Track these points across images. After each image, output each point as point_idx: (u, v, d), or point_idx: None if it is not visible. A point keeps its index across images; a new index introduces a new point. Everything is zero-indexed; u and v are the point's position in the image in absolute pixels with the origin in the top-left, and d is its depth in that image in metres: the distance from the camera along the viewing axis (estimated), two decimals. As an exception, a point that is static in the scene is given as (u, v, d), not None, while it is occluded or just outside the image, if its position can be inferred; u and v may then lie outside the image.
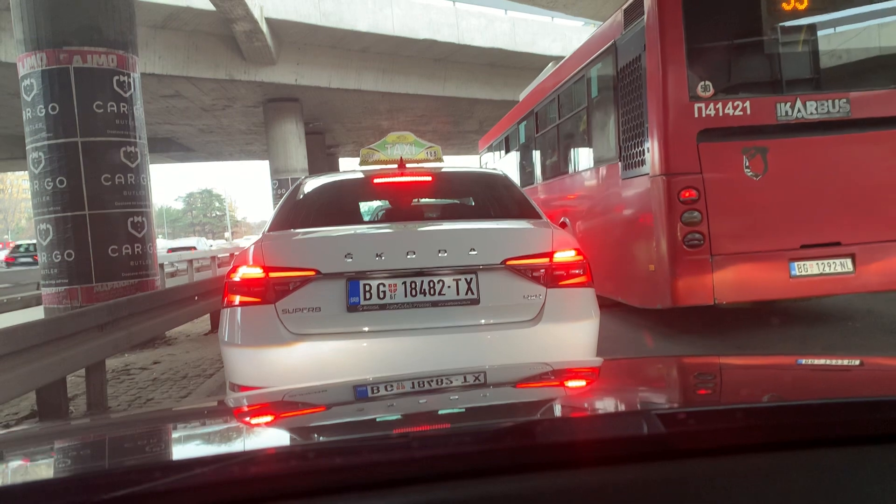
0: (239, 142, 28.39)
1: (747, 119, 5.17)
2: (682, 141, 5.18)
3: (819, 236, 5.20)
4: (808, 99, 5.21)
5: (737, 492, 0.72)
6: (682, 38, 5.19)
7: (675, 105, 5.19)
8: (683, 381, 1.30)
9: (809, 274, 5.18)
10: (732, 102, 5.17)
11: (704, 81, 5.18)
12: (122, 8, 6.84)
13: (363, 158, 4.24)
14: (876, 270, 5.24)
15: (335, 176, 4.23)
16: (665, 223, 5.19)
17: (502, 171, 4.19)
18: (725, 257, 5.14)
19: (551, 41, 20.31)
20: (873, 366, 1.30)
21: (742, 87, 5.35)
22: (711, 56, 5.44)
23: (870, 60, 5.46)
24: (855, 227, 5.22)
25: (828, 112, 5.20)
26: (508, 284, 2.83)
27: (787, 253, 5.17)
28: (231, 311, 2.83)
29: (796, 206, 5.20)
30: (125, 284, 6.65)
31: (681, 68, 5.19)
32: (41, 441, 1.13)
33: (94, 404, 4.46)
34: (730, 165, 5.16)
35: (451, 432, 0.87)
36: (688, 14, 5.18)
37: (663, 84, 5.22)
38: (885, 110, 5.22)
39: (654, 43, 5.32)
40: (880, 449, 0.77)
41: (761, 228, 5.20)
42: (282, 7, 16.40)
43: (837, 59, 5.43)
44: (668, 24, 5.21)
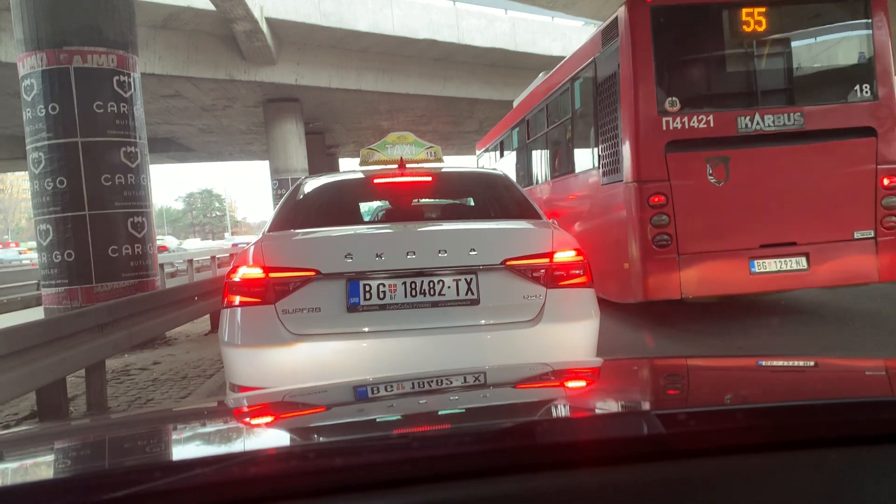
0: (239, 142, 28.39)
1: (710, 131, 5.72)
2: (651, 151, 5.73)
3: (776, 237, 5.72)
4: (765, 113, 5.77)
5: (737, 492, 0.72)
6: (652, 58, 5.77)
7: (645, 119, 5.75)
8: (683, 381, 1.30)
9: (768, 271, 5.72)
10: (697, 116, 5.74)
11: (672, 97, 5.76)
12: (122, 8, 6.84)
13: (363, 159, 4.24)
14: (828, 267, 5.77)
15: (335, 176, 4.23)
16: (637, 225, 5.71)
17: (502, 171, 4.19)
18: (691, 256, 5.67)
19: (552, 41, 20.31)
20: (873, 366, 1.30)
21: (706, 103, 5.91)
22: (678, 74, 5.98)
23: (821, 78, 6.14)
24: (809, 229, 5.75)
25: (784, 125, 5.77)
26: (508, 285, 2.82)
27: (748, 252, 5.69)
28: (231, 311, 2.83)
29: (755, 209, 5.71)
30: (125, 285, 6.65)
31: (650, 85, 5.77)
32: (41, 441, 1.13)
33: (94, 404, 4.46)
34: (695, 173, 5.71)
35: (451, 433, 0.87)
36: (657, 36, 5.77)
37: (634, 99, 5.79)
38: (834, 123, 5.79)
39: (626, 62, 5.89)
40: (880, 449, 0.77)
41: (723, 230, 5.71)
42: (282, 7, 16.40)
43: (792, 77, 6.03)
44: (639, 46, 5.79)
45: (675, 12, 5.90)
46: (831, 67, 6.25)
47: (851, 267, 5.80)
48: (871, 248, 5.78)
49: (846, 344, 5.18)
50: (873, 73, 5.91)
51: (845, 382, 1.18)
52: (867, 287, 6.14)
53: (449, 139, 29.75)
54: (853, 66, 6.09)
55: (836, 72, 6.19)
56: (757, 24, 5.88)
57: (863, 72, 5.97)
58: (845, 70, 6.14)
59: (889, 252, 5.79)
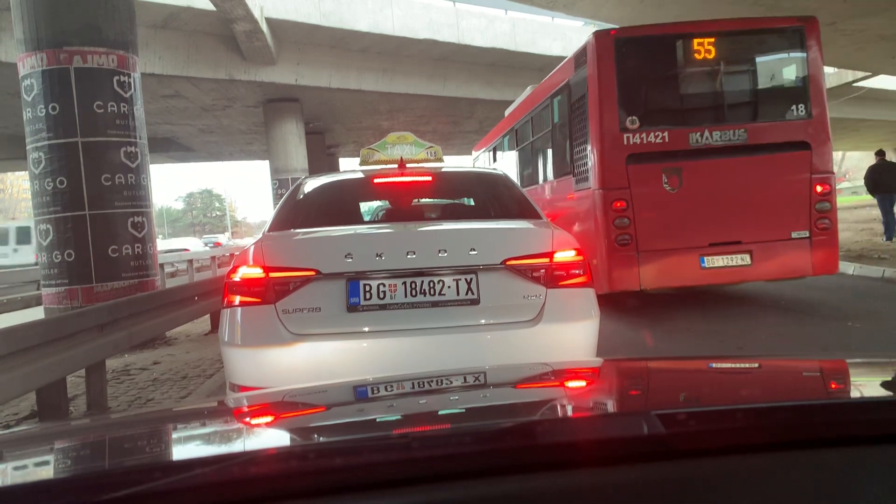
0: (239, 142, 28.37)
1: (665, 146, 6.57)
2: (614, 163, 6.57)
3: (723, 237, 6.54)
4: (714, 129, 6.63)
5: (737, 492, 0.72)
6: (615, 81, 6.62)
7: (609, 135, 6.59)
8: (683, 381, 1.30)
9: (716, 266, 6.53)
10: (654, 132, 6.59)
11: (632, 116, 6.60)
12: (122, 8, 6.83)
13: (363, 158, 4.24)
14: (769, 263, 6.58)
15: (335, 176, 4.22)
16: (602, 226, 6.54)
17: (502, 171, 4.19)
18: (648, 253, 6.49)
19: (552, 41, 20.29)
20: (873, 366, 1.30)
21: (662, 121, 6.71)
22: (638, 96, 6.76)
23: (762, 98, 6.94)
24: (752, 230, 6.55)
25: (729, 139, 6.62)
26: (508, 284, 2.82)
27: (698, 250, 6.51)
28: (231, 311, 2.83)
29: (705, 213, 6.52)
30: (125, 285, 6.64)
31: (613, 106, 6.61)
32: (41, 441, 1.13)
33: (94, 404, 4.46)
34: (652, 182, 6.53)
35: (451, 433, 0.87)
36: (619, 63, 6.62)
37: (600, 118, 6.64)
38: (774, 138, 6.65)
39: (593, 85, 6.74)
40: (880, 449, 0.77)
41: (677, 230, 6.51)
42: (282, 7, 16.39)
43: (736, 98, 6.90)
44: (604, 71, 6.65)
45: (636, 42, 6.80)
46: (771, 89, 7.05)
47: (789, 263, 6.60)
48: (807, 246, 6.61)
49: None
50: (808, 94, 6.78)
51: (845, 382, 1.18)
52: (803, 280, 6.97)
53: (449, 139, 29.73)
54: (790, 88, 6.96)
55: (775, 93, 7.01)
56: (707, 52, 6.74)
57: (798, 93, 6.84)
58: (783, 91, 6.98)
59: (821, 250, 6.62)
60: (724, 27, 6.95)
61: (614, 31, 6.80)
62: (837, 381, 1.19)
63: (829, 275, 6.88)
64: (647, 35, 6.92)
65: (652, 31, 7.03)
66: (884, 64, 18.44)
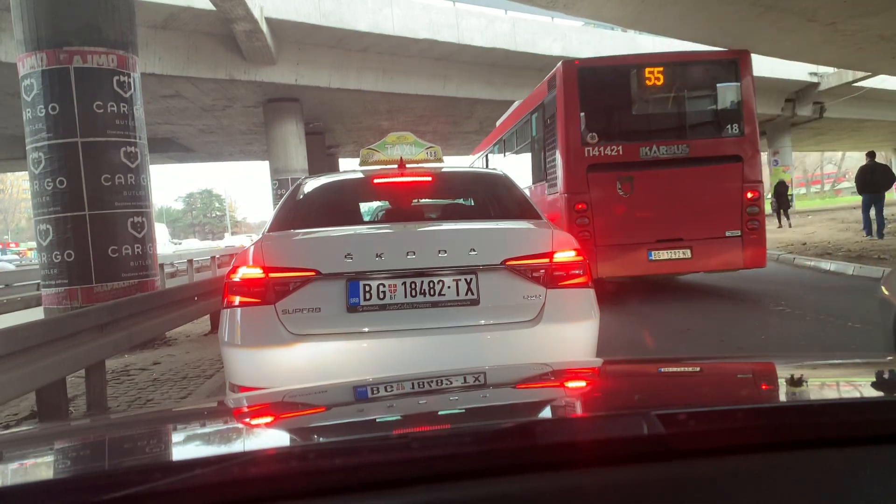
0: (239, 142, 28.37)
1: (620, 157, 7.85)
2: (577, 172, 7.82)
3: (668, 234, 7.75)
4: (660, 144, 7.89)
5: (737, 492, 0.72)
6: (578, 103, 7.91)
7: (573, 148, 7.87)
8: (683, 381, 1.30)
9: (661, 259, 7.76)
10: (610, 146, 7.88)
11: (592, 133, 7.90)
12: (122, 8, 6.83)
13: (363, 159, 4.24)
14: (706, 257, 7.83)
15: (335, 176, 4.22)
16: (566, 225, 7.56)
17: (502, 171, 4.19)
18: (604, 247, 7.66)
19: (552, 41, 20.29)
20: (873, 366, 1.30)
21: (617, 137, 8.05)
22: (597, 116, 8.10)
23: (702, 118, 8.41)
24: (692, 229, 7.75)
25: (674, 153, 7.89)
26: (508, 285, 2.82)
27: (647, 245, 7.72)
28: (231, 311, 2.82)
29: (653, 214, 7.74)
30: (125, 285, 6.64)
31: (576, 124, 7.90)
32: (41, 441, 1.13)
33: (94, 405, 4.45)
34: (608, 188, 7.78)
35: (451, 433, 0.87)
36: (582, 88, 7.94)
37: (565, 134, 7.92)
38: (712, 152, 7.93)
39: (560, 106, 8.03)
40: (880, 449, 0.77)
41: (629, 228, 7.67)
42: (282, 7, 16.38)
43: (680, 118, 8.26)
44: (569, 95, 7.92)
45: (596, 71, 8.22)
46: (710, 111, 8.44)
47: (724, 257, 7.81)
48: (739, 243, 7.79)
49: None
50: (741, 115, 8.04)
51: (845, 382, 1.18)
52: (736, 272, 8.30)
53: (449, 139, 29.73)
54: (726, 110, 8.23)
55: (713, 114, 8.38)
56: (656, 79, 8.04)
57: (733, 115, 8.11)
58: (720, 113, 8.28)
59: (751, 247, 7.81)
60: (670, 59, 8.49)
61: (578, 62, 8.21)
62: (837, 382, 1.19)
63: (758, 268, 8.06)
64: (605, 65, 8.49)
65: (610, 62, 8.65)
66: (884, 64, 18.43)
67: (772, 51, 17.92)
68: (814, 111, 27.40)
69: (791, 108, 27.18)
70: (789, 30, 13.85)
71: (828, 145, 47.03)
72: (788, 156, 31.65)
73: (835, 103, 26.87)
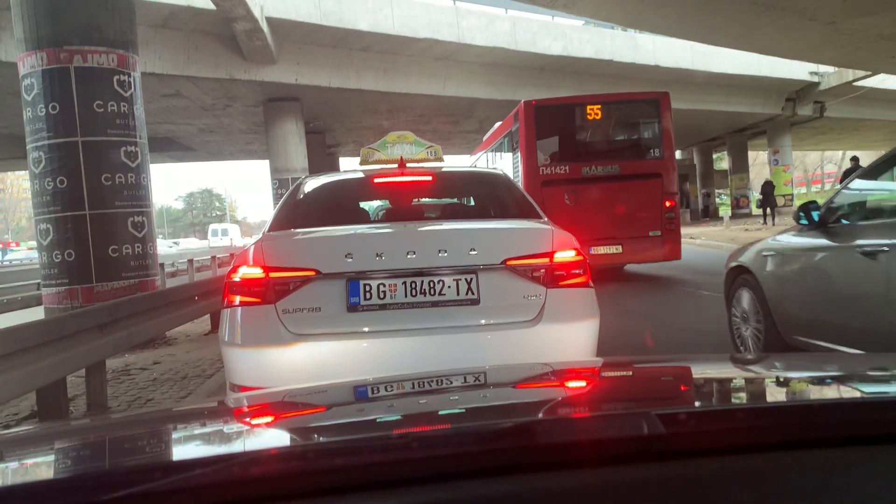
0: (239, 141, 28.35)
1: (567, 175, 10.04)
2: (533, 186, 9.56)
3: (604, 234, 9.73)
4: (598, 164, 10.14)
5: (737, 492, 0.72)
6: (535, 133, 10.26)
7: (530, 168, 10.13)
8: (683, 381, 1.30)
9: (600, 252, 9.60)
10: (559, 167, 10.17)
11: (545, 156, 10.28)
12: (122, 7, 6.83)
13: (363, 158, 4.24)
14: (634, 252, 9.98)
15: (335, 175, 4.22)
16: None
17: (502, 171, 4.19)
18: None
19: (552, 40, 20.27)
20: (873, 366, 1.30)
21: (564, 159, 10.33)
22: (549, 142, 10.45)
23: (631, 144, 10.88)
24: (623, 230, 9.80)
25: (608, 171, 10.09)
26: (509, 284, 2.82)
27: (589, 242, 8.99)
28: (231, 311, 2.82)
29: (593, 218, 9.50)
30: (125, 284, 6.64)
31: (533, 149, 10.21)
32: (41, 441, 1.13)
33: (94, 404, 4.45)
34: (558, 198, 9.59)
35: (451, 433, 0.87)
36: (538, 121, 10.32)
37: (525, 157, 10.22)
38: (638, 171, 10.19)
39: (521, 135, 10.41)
40: (880, 449, 0.77)
41: (574, 230, 10.00)
42: (282, 6, 16.37)
43: (614, 144, 10.78)
44: (528, 126, 10.30)
45: (548, 108, 10.63)
46: (637, 138, 10.94)
47: (647, 252, 10.03)
48: (659, 241, 10.01)
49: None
50: (661, 142, 10.49)
51: (845, 382, 1.18)
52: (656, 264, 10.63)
53: (449, 139, 29.72)
54: (649, 138, 10.73)
55: (639, 141, 10.90)
56: (594, 114, 10.47)
57: (655, 142, 10.61)
58: (644, 140, 10.81)
59: (668, 244, 10.02)
60: (606, 99, 11.01)
61: (535, 102, 10.55)
62: (838, 381, 1.19)
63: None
64: (556, 104, 11.00)
65: (559, 101, 11.20)
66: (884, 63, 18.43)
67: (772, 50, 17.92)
68: (814, 111, 27.39)
69: (791, 108, 27.18)
70: (789, 29, 13.86)
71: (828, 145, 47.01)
72: (788, 155, 31.64)
73: (835, 103, 26.86)
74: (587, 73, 21.63)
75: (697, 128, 30.31)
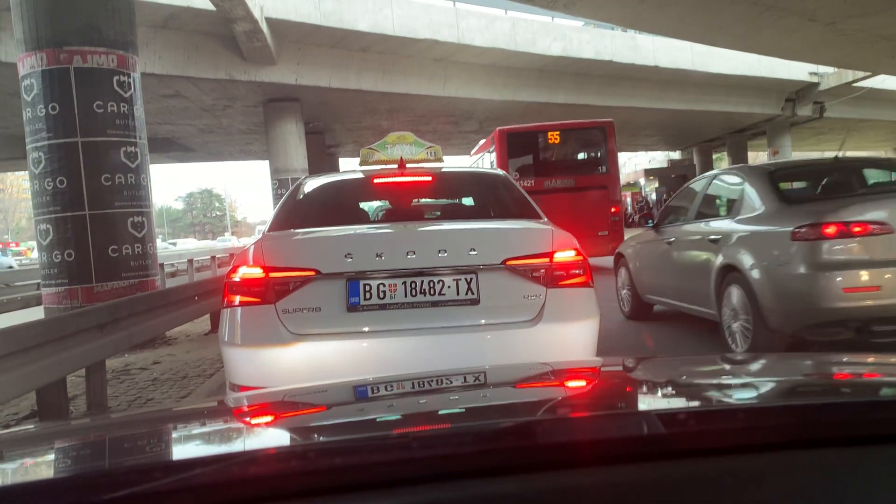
0: (239, 142, 28.33)
1: (532, 188, 10.67)
2: None
3: None
4: (557, 179, 12.38)
5: (737, 492, 0.72)
6: (507, 154, 12.73)
7: None
8: (683, 381, 1.30)
9: None
10: (526, 180, 11.71)
11: (515, 172, 12.07)
12: (122, 8, 6.83)
13: (363, 158, 4.24)
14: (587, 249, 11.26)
15: (335, 176, 4.23)
16: None
17: (502, 171, 4.19)
18: None
19: (552, 41, 20.26)
20: (873, 366, 1.30)
21: (531, 174, 12.52)
22: (518, 162, 12.95)
23: (583, 163, 13.44)
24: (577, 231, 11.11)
25: (565, 184, 12.33)
26: (508, 284, 2.82)
27: None
28: (231, 311, 2.83)
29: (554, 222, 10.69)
30: (125, 284, 6.64)
31: (506, 167, 12.03)
32: (41, 441, 1.13)
33: (94, 404, 4.45)
34: None
35: (451, 432, 0.87)
36: (509, 145, 12.85)
37: None
38: (589, 184, 12.54)
39: (497, 156, 12.89)
40: (880, 449, 0.77)
41: None
42: (282, 7, 16.36)
43: (570, 163, 13.43)
44: (501, 149, 12.83)
45: (517, 134, 13.20)
46: (588, 158, 13.63)
47: (597, 249, 10.91)
48: (606, 239, 11.79)
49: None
50: (607, 161, 13.06)
51: (845, 382, 1.18)
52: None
53: (449, 139, 29.70)
54: (597, 157, 13.31)
55: (589, 160, 13.52)
56: (554, 139, 13.32)
57: (602, 161, 13.15)
58: (594, 159, 13.42)
59: (613, 241, 11.10)
60: (563, 126, 13.47)
61: (507, 129, 13.15)
62: (838, 381, 1.19)
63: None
64: (523, 130, 13.44)
65: (525, 129, 13.55)
66: (884, 64, 18.43)
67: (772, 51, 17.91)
68: (814, 111, 27.37)
69: (791, 108, 27.16)
70: (789, 29, 13.85)
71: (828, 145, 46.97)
72: (788, 155, 31.59)
73: (835, 103, 26.84)
74: (587, 73, 21.63)
75: (697, 128, 30.31)
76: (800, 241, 4.14)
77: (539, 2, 13.79)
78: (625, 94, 23.10)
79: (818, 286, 4.05)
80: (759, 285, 4.40)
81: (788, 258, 4.21)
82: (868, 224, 4.06)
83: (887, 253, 4.03)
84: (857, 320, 4.04)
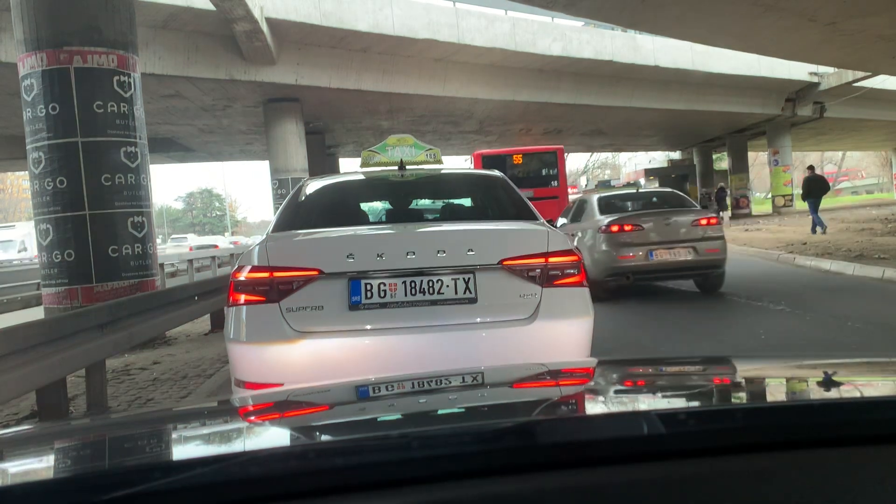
0: (239, 142, 28.34)
1: None
2: None
3: None
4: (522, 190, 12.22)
5: (737, 492, 0.72)
6: None
7: None
8: (683, 381, 1.30)
9: None
10: None
11: None
12: (122, 8, 6.84)
13: (364, 160, 4.26)
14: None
15: (336, 177, 4.27)
16: None
17: (500, 173, 4.21)
18: None
19: (552, 41, 20.27)
20: (873, 366, 1.30)
21: None
22: None
23: (541, 178, 17.26)
24: None
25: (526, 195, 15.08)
26: (505, 284, 2.87)
27: None
28: (237, 309, 2.88)
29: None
30: (125, 284, 6.65)
31: None
32: (41, 441, 1.13)
33: (94, 404, 4.46)
34: None
35: (451, 432, 0.87)
36: (485, 165, 15.00)
37: None
38: (545, 194, 16.00)
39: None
40: (880, 449, 0.77)
41: None
42: (282, 7, 16.36)
43: (531, 178, 16.79)
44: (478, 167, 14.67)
45: (491, 157, 17.17)
46: (544, 174, 17.25)
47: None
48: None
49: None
50: (558, 177, 17.30)
51: (845, 382, 1.18)
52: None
53: (449, 139, 29.71)
54: (550, 174, 17.28)
55: (545, 176, 17.19)
56: (518, 160, 17.30)
57: (553, 177, 17.23)
58: (547, 175, 17.21)
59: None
60: (524, 150, 17.96)
61: (482, 153, 17.56)
62: (837, 381, 1.19)
63: None
64: (494, 154, 17.77)
65: (496, 152, 18.22)
66: (884, 64, 18.44)
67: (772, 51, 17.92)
68: (814, 111, 27.41)
69: (791, 108, 27.18)
70: (789, 29, 13.86)
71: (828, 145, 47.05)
72: (788, 155, 31.66)
73: (835, 103, 26.87)
74: (587, 73, 21.64)
75: (697, 128, 30.32)
76: (603, 233, 8.24)
77: (539, 2, 13.79)
78: (625, 94, 23.12)
79: (610, 255, 8.11)
80: (587, 255, 8.29)
81: (600, 242, 8.27)
82: (632, 225, 8.13)
83: (639, 240, 8.02)
84: (628, 272, 8.03)
